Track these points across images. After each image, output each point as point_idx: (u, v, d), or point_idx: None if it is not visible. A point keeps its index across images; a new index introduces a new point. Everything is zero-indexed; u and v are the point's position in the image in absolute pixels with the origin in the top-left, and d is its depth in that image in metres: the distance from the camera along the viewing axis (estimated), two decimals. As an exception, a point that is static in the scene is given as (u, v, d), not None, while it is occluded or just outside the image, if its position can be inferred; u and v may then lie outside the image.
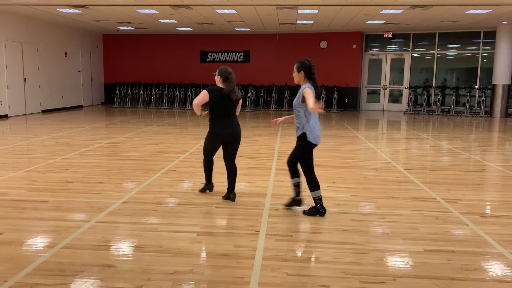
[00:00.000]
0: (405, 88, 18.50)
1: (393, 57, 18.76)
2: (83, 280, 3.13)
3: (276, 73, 18.36)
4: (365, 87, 19.18)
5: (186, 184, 5.90)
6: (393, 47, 18.81)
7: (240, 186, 5.83)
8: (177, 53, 19.47)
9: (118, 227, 4.22)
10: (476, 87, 17.39)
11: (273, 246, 3.79)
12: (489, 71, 17.05)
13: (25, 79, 14.72)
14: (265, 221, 4.42)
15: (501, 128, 13.27)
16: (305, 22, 15.48)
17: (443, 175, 6.67)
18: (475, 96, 17.46)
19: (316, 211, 4.58)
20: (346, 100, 18.59)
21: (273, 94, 18.23)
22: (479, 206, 5.12)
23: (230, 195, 5.11)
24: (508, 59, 16.00)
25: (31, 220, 4.40)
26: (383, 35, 17.95)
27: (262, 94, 18.36)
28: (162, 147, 8.89)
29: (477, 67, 17.63)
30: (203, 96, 4.91)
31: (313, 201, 4.62)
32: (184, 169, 6.80)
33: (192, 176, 6.23)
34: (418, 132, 12.01)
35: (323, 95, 17.60)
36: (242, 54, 19.19)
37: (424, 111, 17.65)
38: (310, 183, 4.56)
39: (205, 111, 5.08)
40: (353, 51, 18.29)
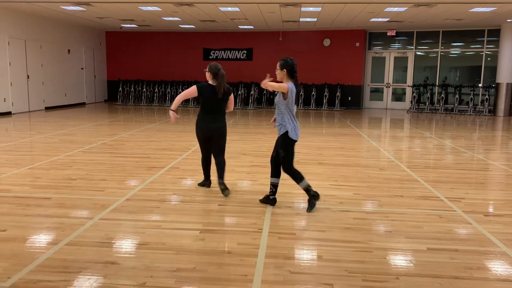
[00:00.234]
0: (409, 86, 18.45)
1: (396, 55, 18.69)
2: (86, 277, 3.14)
3: (279, 71, 18.30)
4: (368, 85, 19.12)
5: (189, 182, 5.90)
6: (397, 45, 18.73)
7: (243, 184, 5.84)
8: (180, 50, 19.46)
9: (121, 224, 4.23)
10: (480, 85, 17.33)
11: (276, 244, 3.79)
12: (493, 70, 16.98)
13: (28, 76, 14.75)
14: (268, 219, 4.42)
15: (504, 127, 13.22)
16: (308, 19, 15.44)
17: (446, 174, 6.65)
18: (478, 94, 17.41)
19: (313, 197, 4.65)
20: (349, 98, 18.55)
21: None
22: (482, 205, 5.11)
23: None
24: (512, 57, 15.94)
25: (34, 217, 4.41)
26: (386, 33, 17.89)
27: (265, 92, 18.34)
28: (165, 144, 8.91)
29: (481, 66, 17.56)
30: (191, 90, 5.03)
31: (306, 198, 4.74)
32: (187, 166, 6.80)
33: (195, 174, 6.23)
34: (421, 130, 11.97)
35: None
36: (245, 51, 19.17)
37: (427, 109, 17.60)
38: (295, 177, 4.63)
39: (178, 116, 5.22)
40: (356, 49, 18.22)
